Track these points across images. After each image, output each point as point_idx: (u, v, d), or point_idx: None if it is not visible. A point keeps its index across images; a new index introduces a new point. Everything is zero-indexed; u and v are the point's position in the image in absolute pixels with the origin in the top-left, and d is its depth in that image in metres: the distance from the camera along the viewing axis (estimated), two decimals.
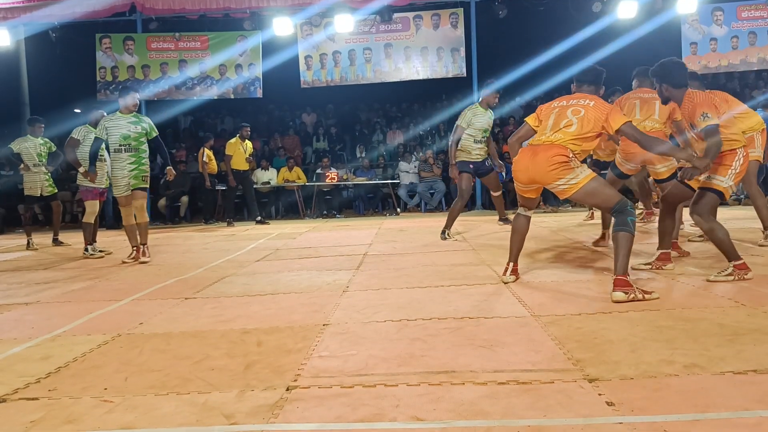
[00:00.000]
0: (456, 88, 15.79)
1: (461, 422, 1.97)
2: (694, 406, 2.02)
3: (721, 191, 4.08)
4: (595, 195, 3.93)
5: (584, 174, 3.89)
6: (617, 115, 3.90)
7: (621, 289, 3.58)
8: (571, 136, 3.92)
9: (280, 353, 2.83)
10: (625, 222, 3.74)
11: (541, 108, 4.29)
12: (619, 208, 3.81)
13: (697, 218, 4.10)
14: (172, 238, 9.21)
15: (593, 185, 3.89)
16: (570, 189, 3.91)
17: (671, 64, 4.16)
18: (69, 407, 2.26)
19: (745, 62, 11.90)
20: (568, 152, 3.89)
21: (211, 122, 16.71)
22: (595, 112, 3.94)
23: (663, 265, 4.55)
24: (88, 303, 4.27)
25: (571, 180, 3.88)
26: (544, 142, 3.98)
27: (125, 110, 6.58)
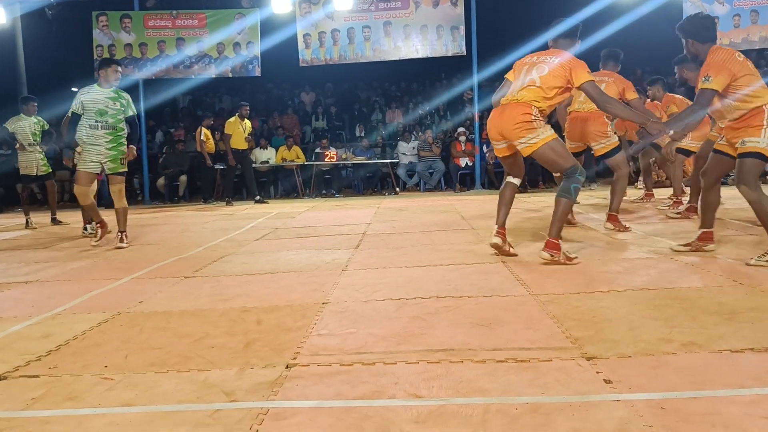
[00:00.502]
0: (456, 67, 15.68)
1: (460, 399, 1.98)
2: (691, 383, 2.03)
3: (759, 152, 3.82)
4: (551, 156, 4.11)
5: (544, 135, 4.07)
6: (582, 72, 4.04)
7: (549, 250, 3.99)
8: (534, 94, 4.09)
9: (279, 331, 2.84)
10: (568, 188, 4.02)
11: (517, 63, 4.40)
12: (570, 173, 4.04)
13: (744, 188, 3.84)
14: (171, 218, 9.21)
15: (551, 146, 4.07)
16: (530, 148, 4.09)
17: (698, 20, 4.08)
18: (70, 384, 2.27)
19: (747, 41, 11.81)
20: (532, 110, 4.06)
21: (209, 101, 16.63)
22: (558, 69, 4.09)
23: (704, 246, 4.28)
24: (87, 282, 4.28)
25: (531, 139, 4.07)
26: (512, 101, 4.16)
27: (105, 83, 6.03)
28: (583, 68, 4.07)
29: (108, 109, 5.94)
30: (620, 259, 4.21)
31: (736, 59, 3.84)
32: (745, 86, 3.81)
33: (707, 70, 3.83)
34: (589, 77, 4.03)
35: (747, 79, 3.82)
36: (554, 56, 4.18)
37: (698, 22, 4.05)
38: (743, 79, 3.81)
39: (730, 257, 4.10)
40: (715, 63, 3.82)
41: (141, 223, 8.54)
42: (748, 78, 3.82)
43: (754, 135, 3.81)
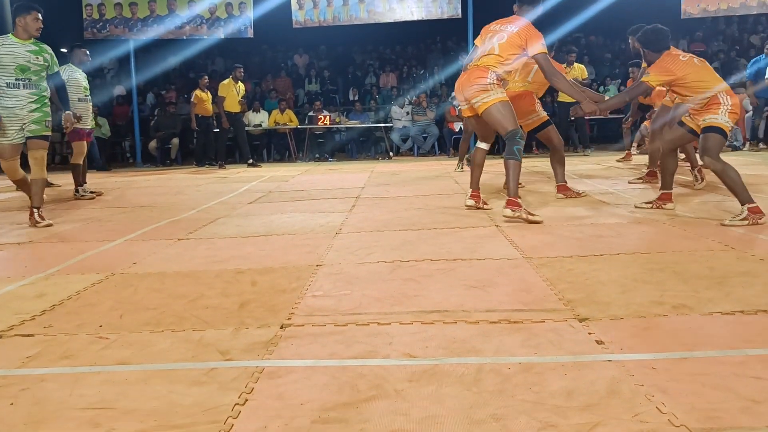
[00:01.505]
0: (451, 30, 15.53)
1: (453, 359, 2.00)
2: (682, 344, 2.06)
3: (719, 127, 4.24)
4: (496, 116, 4.40)
5: (495, 96, 4.41)
6: (537, 42, 4.36)
7: (510, 207, 4.31)
8: (493, 60, 4.44)
9: (274, 293, 2.85)
10: (512, 151, 4.34)
11: (483, 29, 4.74)
12: (510, 136, 4.36)
13: (708, 160, 4.23)
14: (164, 180, 9.16)
15: (498, 107, 4.39)
16: (483, 105, 4.44)
17: (652, 32, 4.53)
18: (65, 343, 2.28)
19: (745, 5, 11.70)
20: (488, 74, 4.41)
21: (201, 63, 16.40)
22: (516, 37, 4.41)
23: (663, 205, 4.75)
24: (80, 243, 4.27)
25: (484, 98, 4.43)
26: (473, 66, 4.54)
27: (23, 34, 5.06)
28: (539, 40, 4.37)
29: (30, 64, 5.04)
30: (613, 224, 4.23)
31: (679, 61, 4.36)
32: (694, 80, 4.29)
33: (653, 68, 4.40)
34: (543, 50, 4.37)
35: (691, 75, 4.29)
36: (514, 25, 4.49)
37: (651, 34, 4.53)
38: (687, 76, 4.29)
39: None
40: (661, 66, 4.37)
41: (133, 185, 8.51)
42: (695, 74, 4.30)
43: (714, 113, 4.28)
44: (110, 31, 12.45)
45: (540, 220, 4.30)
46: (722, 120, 4.24)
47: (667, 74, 4.32)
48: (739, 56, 14.11)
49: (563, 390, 1.75)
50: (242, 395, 1.78)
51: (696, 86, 4.28)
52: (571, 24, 10.19)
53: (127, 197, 7.02)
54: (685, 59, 4.38)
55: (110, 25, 12.42)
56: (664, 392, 1.71)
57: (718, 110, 4.25)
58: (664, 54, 4.43)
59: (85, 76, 7.26)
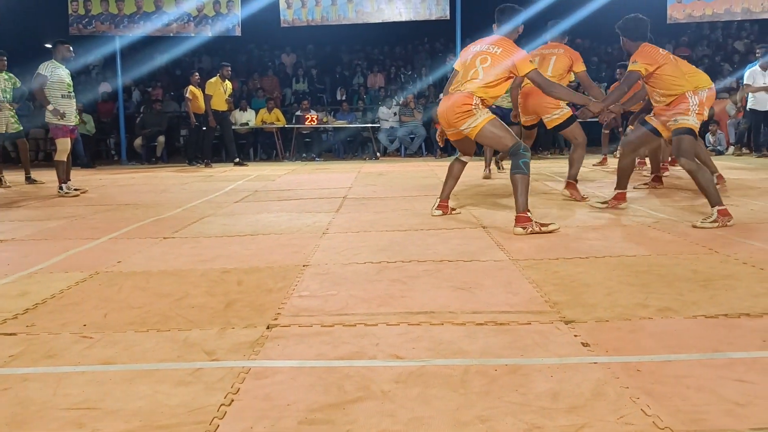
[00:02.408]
0: (439, 32, 15.56)
1: (440, 360, 2.00)
2: (666, 347, 2.07)
3: (689, 128, 4.32)
4: (491, 137, 4.28)
5: (482, 118, 4.25)
6: (525, 63, 4.23)
7: (520, 224, 4.04)
8: (477, 85, 4.26)
9: (260, 292, 2.84)
10: (518, 165, 4.12)
11: (462, 51, 4.67)
12: (513, 151, 4.17)
13: (683, 161, 4.26)
14: (149, 178, 9.10)
15: (489, 128, 4.25)
16: (473, 130, 4.28)
17: (632, 20, 4.55)
18: (48, 342, 2.26)
19: (729, 12, 11.83)
20: (473, 100, 4.24)
21: (188, 61, 16.30)
22: (501, 59, 4.25)
23: (618, 204, 4.91)
24: (64, 241, 4.23)
25: (472, 123, 4.26)
26: (456, 91, 4.37)
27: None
28: (525, 59, 4.25)
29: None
30: (599, 227, 4.26)
31: (659, 52, 4.43)
32: (668, 74, 4.36)
33: (636, 56, 4.41)
34: (531, 67, 4.25)
35: (668, 68, 4.36)
36: (497, 47, 4.32)
37: (632, 22, 4.56)
38: (665, 67, 4.35)
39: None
40: (642, 52, 4.41)
41: (118, 183, 8.45)
42: (671, 67, 4.38)
43: (683, 114, 4.34)
44: (96, 28, 12.35)
45: (555, 228, 4.08)
46: (692, 121, 4.31)
47: (651, 61, 4.34)
48: (724, 61, 14.25)
49: (549, 392, 1.75)
50: (228, 396, 1.77)
51: (669, 81, 4.36)
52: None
53: (111, 195, 6.96)
54: (663, 52, 4.46)
55: (96, 21, 12.32)
56: (649, 394, 1.72)
57: (687, 111, 4.32)
58: (644, 44, 4.46)
59: (68, 72, 7.20)
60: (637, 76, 4.41)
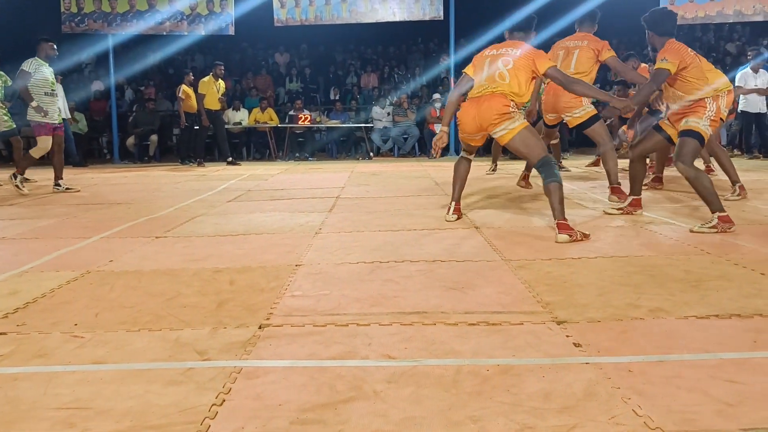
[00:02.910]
0: (432, 32, 15.57)
1: (432, 360, 2.00)
2: (658, 348, 2.08)
3: (698, 131, 4.14)
4: (525, 144, 4.16)
5: (520, 122, 4.16)
6: (543, 60, 4.18)
7: (565, 232, 3.83)
8: (508, 87, 4.17)
9: (252, 292, 2.83)
10: (552, 173, 4.01)
11: (476, 58, 4.49)
12: (544, 162, 4.07)
13: (681, 166, 4.13)
14: (142, 177, 9.07)
15: (525, 134, 4.15)
16: (507, 135, 4.17)
17: (660, 13, 4.40)
18: (39, 342, 2.24)
19: (722, 14, 11.88)
20: (509, 101, 4.15)
21: (181, 59, 16.26)
22: (522, 61, 4.19)
23: (634, 211, 4.71)
24: (55, 240, 4.21)
25: (508, 126, 4.14)
26: (487, 92, 4.21)
27: None
28: (543, 57, 4.21)
29: None
30: (591, 227, 4.26)
31: (688, 51, 4.25)
32: (693, 78, 4.18)
33: (664, 53, 4.20)
34: (550, 63, 4.19)
35: (695, 71, 4.19)
36: (515, 48, 4.28)
37: (659, 15, 4.41)
38: (692, 69, 4.18)
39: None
40: (671, 49, 4.20)
41: (110, 182, 8.41)
42: (696, 70, 4.20)
43: (697, 116, 4.18)
44: (89, 26, 12.28)
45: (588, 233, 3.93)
46: (703, 126, 4.15)
47: (680, 58, 4.16)
48: (716, 63, 14.26)
49: (541, 392, 1.76)
50: (219, 395, 1.77)
51: (692, 85, 4.18)
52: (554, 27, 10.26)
53: (103, 194, 6.93)
54: (692, 52, 4.27)
55: (89, 19, 12.26)
56: (641, 395, 1.72)
57: (702, 114, 4.16)
58: (671, 40, 4.27)
59: (52, 71, 7.20)
60: (666, 74, 4.17)
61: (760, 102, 10.37)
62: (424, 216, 4.84)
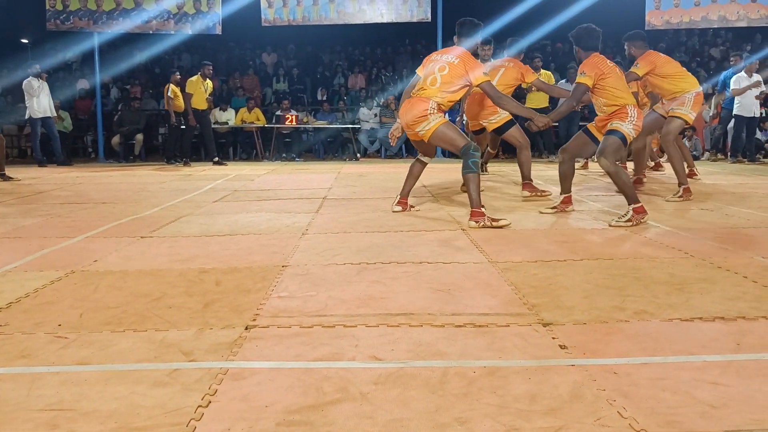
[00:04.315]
0: (420, 34, 15.60)
1: (419, 362, 2.01)
2: (643, 350, 2.10)
3: (621, 132, 4.50)
4: (443, 138, 4.63)
5: (435, 121, 4.58)
6: (479, 73, 4.57)
7: (474, 218, 4.39)
8: (435, 91, 4.59)
9: (239, 293, 2.82)
10: (468, 165, 4.48)
11: (425, 59, 4.90)
12: (464, 151, 4.52)
13: (603, 161, 4.46)
14: (127, 177, 9.01)
15: (441, 130, 4.59)
16: (427, 133, 4.62)
17: (584, 30, 4.71)
18: (22, 342, 2.22)
19: (706, 19, 11.99)
20: (429, 105, 4.58)
21: (167, 58, 16.16)
22: (458, 69, 4.58)
23: (565, 208, 5.00)
24: (39, 239, 4.16)
25: (425, 127, 4.60)
26: (415, 96, 4.69)
27: None
28: (479, 70, 4.58)
29: None
30: (576, 230, 4.29)
31: (607, 64, 4.61)
32: (611, 87, 4.53)
33: (583, 67, 4.59)
34: (485, 78, 4.57)
35: (612, 80, 4.54)
36: (452, 55, 4.66)
37: (584, 31, 4.71)
38: (609, 79, 4.54)
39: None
40: (590, 63, 4.58)
41: (95, 181, 8.34)
42: (613, 79, 4.55)
43: (620, 119, 4.54)
44: (74, 23, 12.18)
45: (506, 224, 4.37)
46: (626, 128, 4.50)
47: (597, 71, 4.53)
48: (700, 67, 14.44)
49: (527, 394, 1.77)
50: (205, 397, 1.76)
51: (612, 93, 4.53)
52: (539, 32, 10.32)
53: (88, 193, 6.88)
54: (611, 64, 4.66)
55: (74, 17, 12.15)
56: (626, 396, 1.74)
57: (625, 119, 4.51)
58: (594, 54, 4.63)
59: None
60: (584, 89, 4.60)
61: (754, 106, 10.51)
62: (411, 217, 4.84)
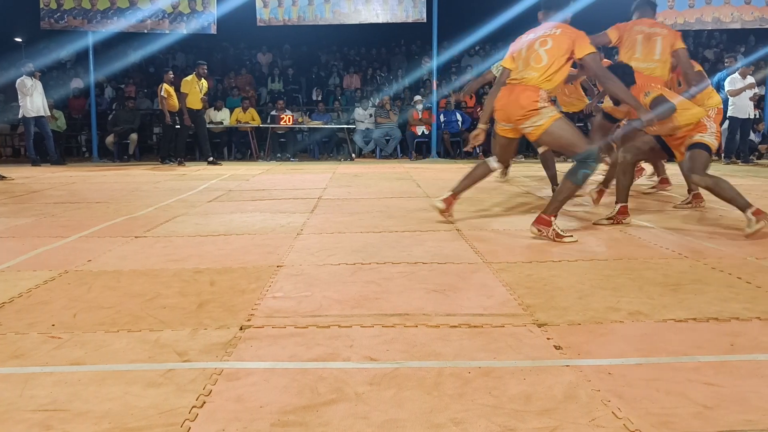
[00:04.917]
0: (415, 34, 15.62)
1: (414, 363, 2.00)
2: (637, 350, 2.10)
3: (707, 145, 4.27)
4: (559, 138, 3.93)
5: (549, 115, 3.90)
6: (585, 43, 3.90)
7: (538, 225, 3.90)
8: (542, 71, 3.91)
9: (233, 293, 2.82)
10: (576, 172, 3.84)
11: (512, 46, 4.26)
12: (582, 159, 3.84)
13: (697, 178, 4.23)
14: (121, 176, 8.98)
15: (558, 126, 3.90)
16: (535, 131, 3.96)
17: None
18: (15, 342, 2.21)
19: (700, 21, 12.05)
20: (539, 95, 3.89)
21: (162, 58, 16.13)
22: (562, 39, 3.93)
23: (623, 219, 4.55)
24: (32, 239, 4.15)
25: (536, 122, 3.92)
26: (520, 82, 3.99)
27: None
28: (586, 39, 3.93)
29: None
30: (571, 231, 4.29)
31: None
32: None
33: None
34: (592, 49, 3.90)
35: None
36: (555, 28, 4.01)
37: None
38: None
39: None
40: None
41: (89, 181, 8.32)
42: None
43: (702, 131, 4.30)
44: (68, 22, 12.14)
45: (573, 240, 3.85)
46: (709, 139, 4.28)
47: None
48: None
49: (522, 394, 1.77)
50: (200, 397, 1.76)
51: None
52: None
53: (82, 193, 6.85)
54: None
55: (68, 15, 12.11)
56: (620, 397, 1.74)
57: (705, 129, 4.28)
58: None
59: None
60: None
61: (749, 107, 10.59)
62: (405, 218, 4.84)
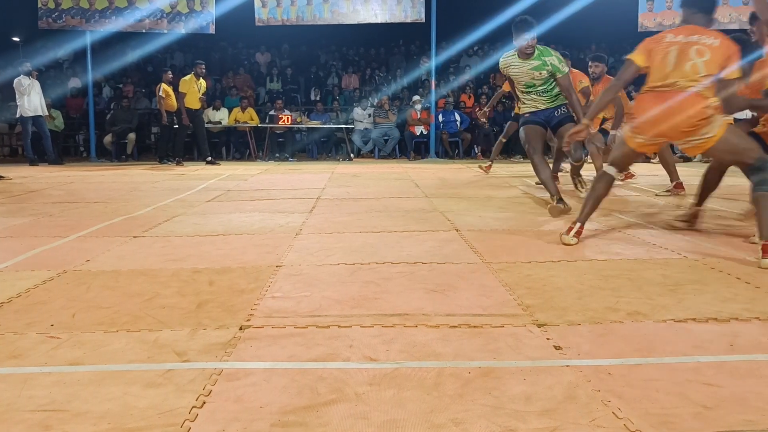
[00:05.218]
0: (414, 35, 15.61)
1: (414, 363, 2.00)
2: (636, 351, 2.10)
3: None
4: (732, 147, 3.46)
5: (719, 123, 3.42)
6: (735, 65, 3.43)
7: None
8: (704, 85, 3.41)
9: (232, 293, 2.81)
10: (765, 181, 3.32)
11: (649, 42, 3.66)
12: (759, 166, 3.38)
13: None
14: (119, 176, 8.97)
15: (730, 133, 3.45)
16: (707, 142, 3.48)
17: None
18: (14, 342, 2.20)
19: None
20: (708, 103, 3.42)
21: (160, 57, 16.11)
22: (722, 53, 3.42)
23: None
24: (30, 239, 4.14)
25: (708, 132, 3.45)
26: (679, 89, 3.45)
27: None
28: (737, 60, 3.43)
29: None
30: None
31: None
32: None
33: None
34: (738, 73, 3.46)
35: None
36: (712, 37, 3.49)
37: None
38: None
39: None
40: None
41: (87, 180, 8.30)
42: None
43: None
44: (66, 22, 12.12)
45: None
46: None
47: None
48: None
49: (522, 394, 1.76)
50: (200, 398, 1.75)
51: None
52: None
53: (80, 192, 6.84)
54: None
55: (66, 15, 12.10)
56: (620, 397, 1.74)
57: None
58: None
59: None
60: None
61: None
62: (404, 218, 4.84)
